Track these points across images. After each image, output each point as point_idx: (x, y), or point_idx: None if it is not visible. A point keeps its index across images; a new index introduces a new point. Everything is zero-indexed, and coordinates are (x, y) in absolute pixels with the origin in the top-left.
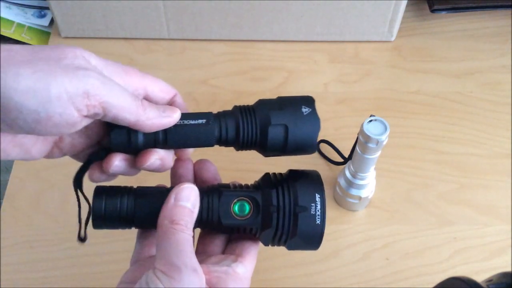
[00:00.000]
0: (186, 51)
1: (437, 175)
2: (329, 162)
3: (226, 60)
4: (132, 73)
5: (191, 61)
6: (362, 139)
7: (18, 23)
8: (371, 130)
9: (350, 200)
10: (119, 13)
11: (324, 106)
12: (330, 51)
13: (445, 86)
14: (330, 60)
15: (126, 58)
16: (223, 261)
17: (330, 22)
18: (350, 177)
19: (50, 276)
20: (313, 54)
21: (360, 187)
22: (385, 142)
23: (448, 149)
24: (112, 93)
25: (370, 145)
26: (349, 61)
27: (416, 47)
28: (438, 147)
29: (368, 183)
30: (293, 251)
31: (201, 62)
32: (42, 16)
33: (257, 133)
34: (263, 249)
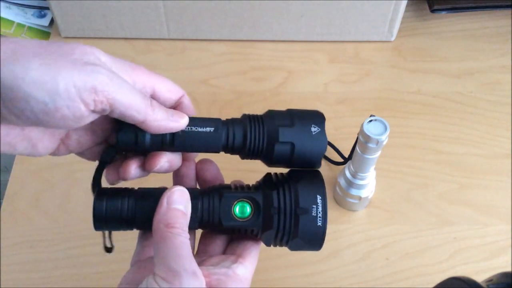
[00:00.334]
0: (186, 51)
1: (437, 175)
2: (329, 162)
3: (226, 60)
4: (139, 70)
5: (191, 61)
6: (362, 139)
7: (18, 23)
8: (371, 130)
9: (350, 200)
10: (119, 13)
11: (324, 106)
12: (330, 51)
13: (445, 86)
14: (330, 60)
15: (126, 58)
16: (223, 262)
17: (330, 22)
18: (350, 177)
19: (50, 276)
20: (313, 54)
21: (360, 187)
22: (385, 142)
23: (448, 149)
24: (120, 90)
25: (370, 145)
26: (349, 61)
27: (416, 47)
28: (438, 147)
29: (368, 183)
30: (293, 251)
31: (201, 62)
32: (42, 16)
33: (263, 146)
34: (264, 249)
